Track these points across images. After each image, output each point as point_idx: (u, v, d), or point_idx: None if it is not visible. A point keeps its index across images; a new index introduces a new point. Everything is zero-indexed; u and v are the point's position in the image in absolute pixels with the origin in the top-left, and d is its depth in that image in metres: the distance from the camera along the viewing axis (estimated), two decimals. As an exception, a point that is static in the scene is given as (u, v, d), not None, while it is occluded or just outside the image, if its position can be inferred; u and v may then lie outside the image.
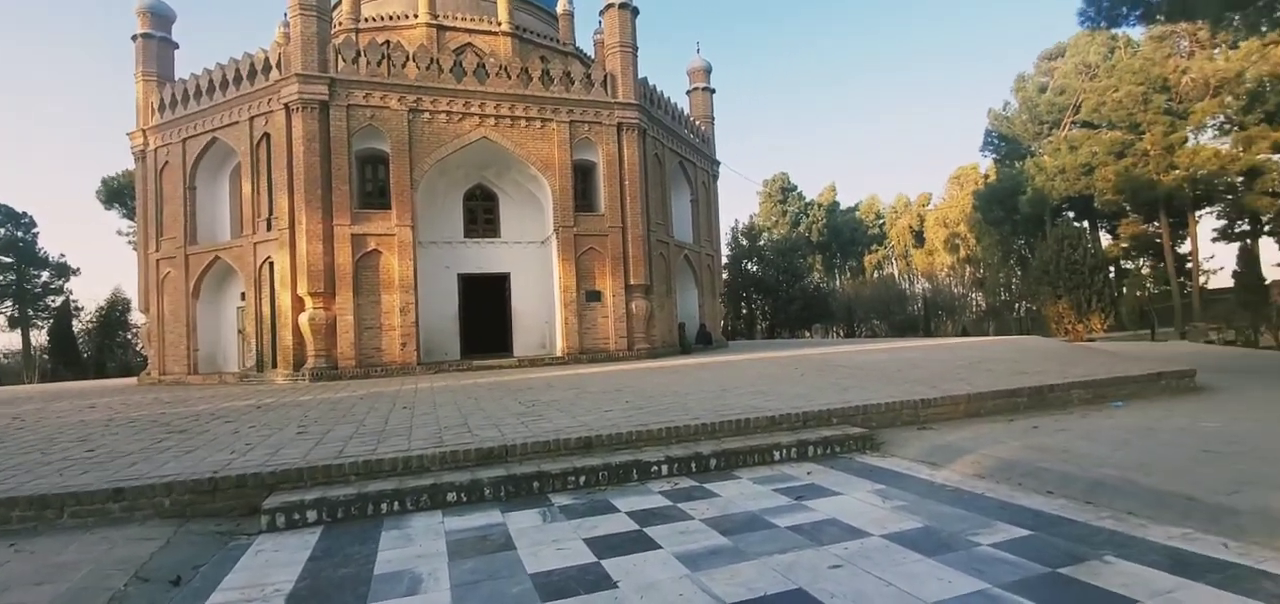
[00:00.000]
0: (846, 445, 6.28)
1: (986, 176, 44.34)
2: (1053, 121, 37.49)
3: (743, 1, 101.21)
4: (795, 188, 56.79)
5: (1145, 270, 38.08)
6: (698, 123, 24.72)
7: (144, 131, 19.75)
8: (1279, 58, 27.07)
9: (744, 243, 47.98)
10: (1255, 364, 13.09)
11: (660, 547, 3.89)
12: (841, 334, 45.71)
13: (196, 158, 18.83)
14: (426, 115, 17.40)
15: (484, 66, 18.09)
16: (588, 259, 18.37)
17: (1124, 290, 33.65)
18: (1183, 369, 9.40)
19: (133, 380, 21.39)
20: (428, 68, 17.54)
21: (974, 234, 45.21)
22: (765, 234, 51.45)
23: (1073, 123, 35.68)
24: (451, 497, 5.04)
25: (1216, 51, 30.26)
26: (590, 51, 25.12)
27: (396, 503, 4.91)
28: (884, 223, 56.46)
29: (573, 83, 18.63)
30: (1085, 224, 36.04)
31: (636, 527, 4.30)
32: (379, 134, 17.17)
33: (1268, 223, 30.76)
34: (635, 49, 19.17)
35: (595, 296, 18.27)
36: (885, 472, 5.52)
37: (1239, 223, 32.37)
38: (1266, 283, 29.50)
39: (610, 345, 18.21)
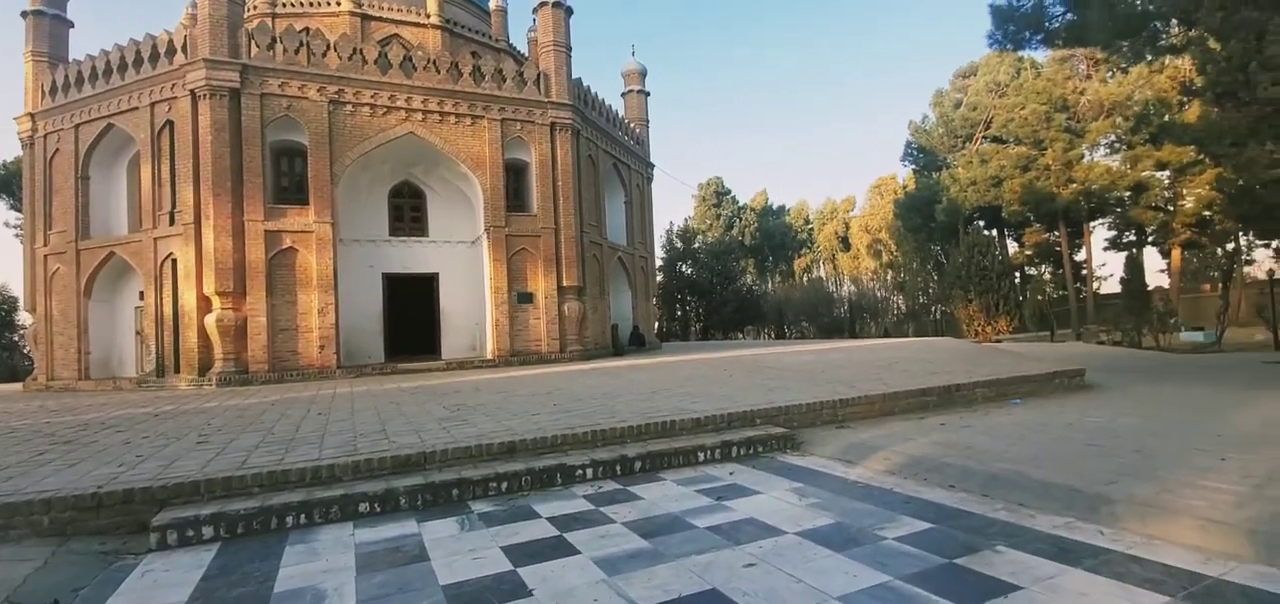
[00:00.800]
0: (769, 445, 6.43)
1: (905, 186, 46.63)
2: (966, 135, 39.80)
3: (677, 9, 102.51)
4: (730, 192, 57.92)
5: (1047, 276, 41.04)
6: (633, 125, 24.83)
7: (32, 116, 18.02)
8: (1162, 84, 29.75)
9: (679, 245, 48.55)
10: (1138, 363, 14.32)
11: (579, 552, 3.85)
12: (772, 335, 46.95)
13: (91, 145, 17.34)
14: (349, 107, 16.69)
15: (411, 59, 17.52)
16: (520, 260, 18.09)
17: (1027, 295, 36.08)
18: (1074, 369, 10.16)
19: (17, 386, 19.46)
20: (350, 58, 16.82)
21: (895, 240, 47.43)
22: (700, 237, 52.23)
23: (984, 137, 37.98)
24: (364, 507, 4.83)
25: (1109, 76, 32.95)
26: (524, 49, 24.78)
27: (304, 515, 4.66)
28: (812, 227, 58.42)
29: (505, 80, 18.31)
30: (994, 232, 38.41)
31: (557, 532, 4.25)
32: (296, 125, 16.33)
33: (1151, 234, 33.75)
34: (569, 49, 19.05)
35: (527, 298, 18.01)
36: (804, 470, 5.69)
37: (1127, 234, 35.36)
38: (1149, 289, 32.35)
39: (542, 347, 18.01)
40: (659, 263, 46.35)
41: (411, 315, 19.11)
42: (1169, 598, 2.93)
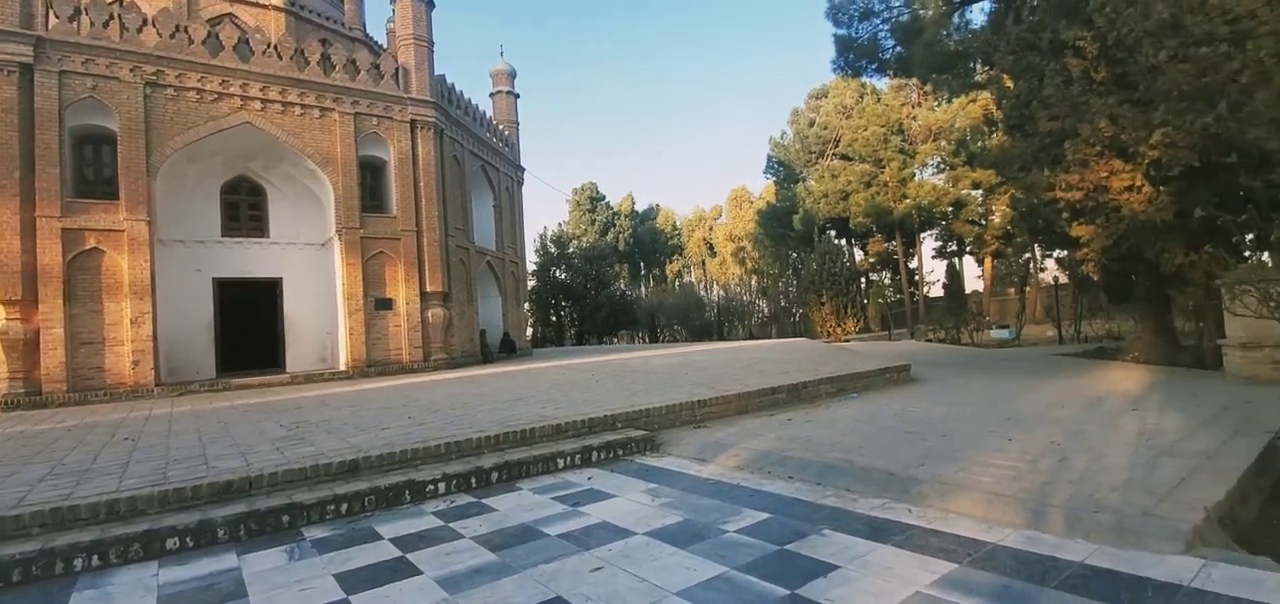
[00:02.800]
0: (629, 448, 6.53)
1: (764, 197, 49.69)
2: (819, 152, 43.17)
3: (552, 19, 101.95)
4: (604, 198, 58.43)
5: (886, 281, 45.51)
6: (502, 127, 24.29)
7: None
8: (975, 114, 34.10)
9: (553, 250, 48.16)
10: (956, 358, 16.25)
11: (421, 572, 3.66)
12: (646, 339, 47.92)
13: None
14: (170, 91, 14.80)
15: (248, 42, 15.91)
16: (377, 264, 17.00)
17: (871, 298, 39.81)
18: (901, 365, 11.32)
19: None
20: (172, 36, 14.95)
21: (758, 248, 50.33)
22: (574, 242, 52.18)
23: (834, 154, 41.41)
24: (172, 543, 4.27)
25: (935, 105, 37.27)
26: (384, 41, 23.40)
27: (96, 556, 4.05)
28: (682, 234, 60.48)
29: (359, 72, 17.15)
30: (844, 242, 41.96)
31: (399, 553, 4.02)
32: (104, 110, 14.22)
33: (968, 245, 38.61)
34: (431, 44, 18.24)
35: (386, 304, 16.97)
36: (660, 471, 5.83)
37: (949, 244, 40.23)
38: (966, 292, 36.96)
39: (403, 357, 17.04)
40: (532, 268, 45.68)
41: (250, 325, 17.33)
42: (956, 564, 3.33)
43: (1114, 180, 9.11)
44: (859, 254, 43.81)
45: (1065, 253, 14.70)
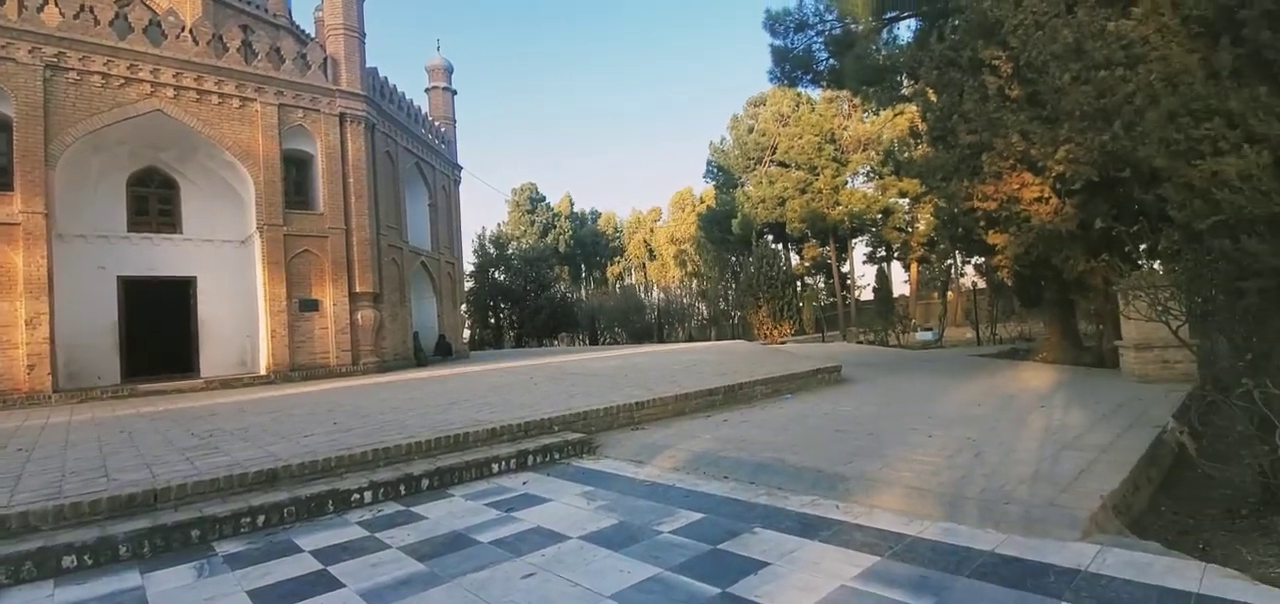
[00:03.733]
0: (565, 451, 6.47)
1: (704, 201, 50.45)
2: (758, 158, 44.16)
3: (491, 20, 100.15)
4: (544, 198, 57.89)
5: (821, 285, 47.01)
6: (438, 124, 23.65)
7: None
8: (903, 125, 35.70)
9: (492, 251, 47.34)
10: (884, 359, 16.94)
11: (343, 585, 3.51)
12: (587, 342, 47.72)
13: None
14: (72, 75, 13.68)
15: (160, 25, 14.89)
16: (303, 263, 16.22)
17: (806, 301, 41.01)
18: (833, 366, 11.71)
19: None
20: (77, 16, 13.82)
21: (698, 251, 51.01)
22: (514, 243, 51.45)
23: (771, 161, 42.47)
24: (69, 561, 3.94)
25: (866, 116, 38.81)
26: (313, 31, 22.38)
27: (-21, 579, 3.68)
28: (623, 236, 60.64)
29: (284, 61, 16.34)
30: (781, 246, 43.09)
31: (320, 566, 3.83)
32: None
33: (896, 251, 40.37)
34: (362, 35, 17.57)
35: (312, 306, 16.20)
36: (597, 474, 5.81)
37: (879, 250, 41.93)
38: (894, 296, 38.63)
39: (331, 360, 16.32)
40: (470, 269, 44.74)
41: (161, 327, 16.22)
42: (879, 557, 3.46)
43: (1025, 192, 9.72)
44: (795, 258, 45.09)
45: (982, 259, 15.62)
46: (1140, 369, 9.66)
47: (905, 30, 16.61)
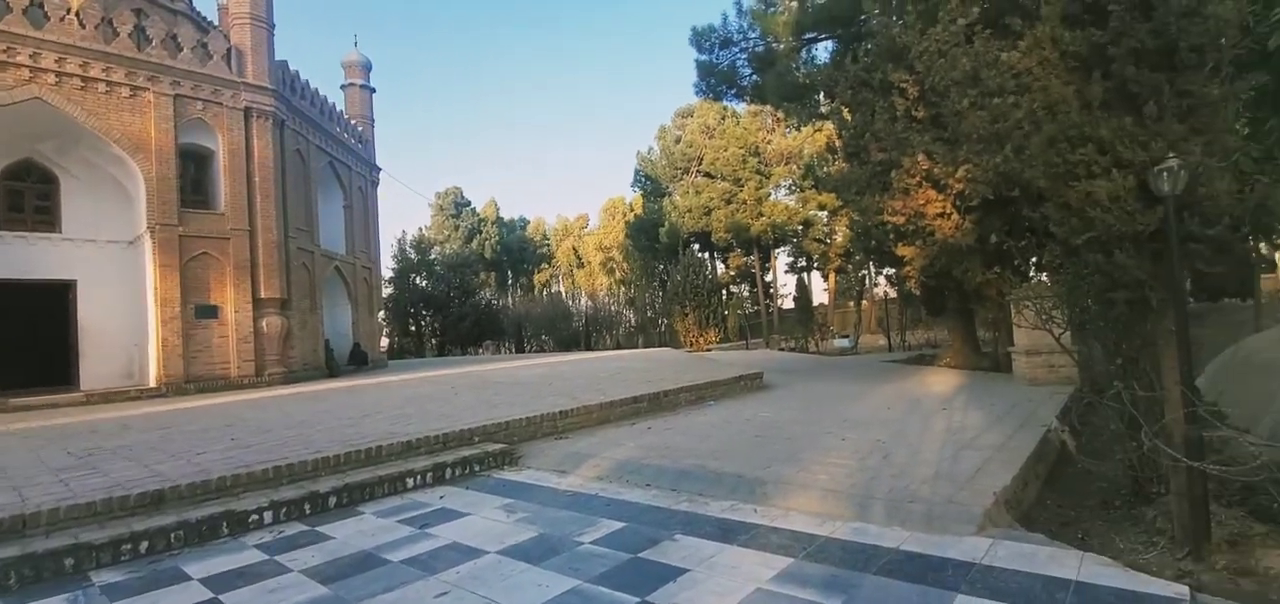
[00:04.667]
0: (486, 463, 6.30)
1: (633, 209, 50.80)
2: (684, 168, 44.88)
3: (413, 20, 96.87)
4: (469, 203, 56.47)
5: (745, 294, 48.24)
6: (354, 122, 22.58)
7: None
8: (822, 141, 37.26)
9: (413, 256, 45.67)
10: (803, 365, 17.55)
11: (236, 614, 3.26)
12: (513, 350, 46.85)
13: None
14: (-68, 55, 12.16)
15: (41, 6, 13.49)
16: (200, 266, 15.03)
17: (731, 309, 41.97)
18: (755, 372, 12.01)
19: None
20: (-65, -12, 12.32)
21: (626, 259, 51.23)
22: (437, 248, 49.88)
23: (698, 172, 43.26)
24: (-99, 605, 3.46)
25: (788, 131, 40.25)
26: (217, 20, 20.90)
27: None
28: (551, 243, 60.07)
29: (181, 49, 15.16)
30: (707, 255, 43.89)
31: (210, 595, 3.54)
32: None
33: (816, 261, 42.04)
34: (271, 25, 16.56)
35: (210, 312, 15.04)
36: (518, 485, 5.68)
37: (800, 260, 43.53)
38: (814, 305, 40.19)
39: (232, 371, 15.19)
40: (389, 274, 43.01)
41: (35, 334, 14.63)
42: (793, 559, 3.55)
43: (929, 207, 10.34)
44: (721, 267, 46.04)
45: (893, 270, 16.49)
46: (1030, 373, 10.47)
47: (823, 51, 17.34)
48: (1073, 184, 4.05)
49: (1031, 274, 10.82)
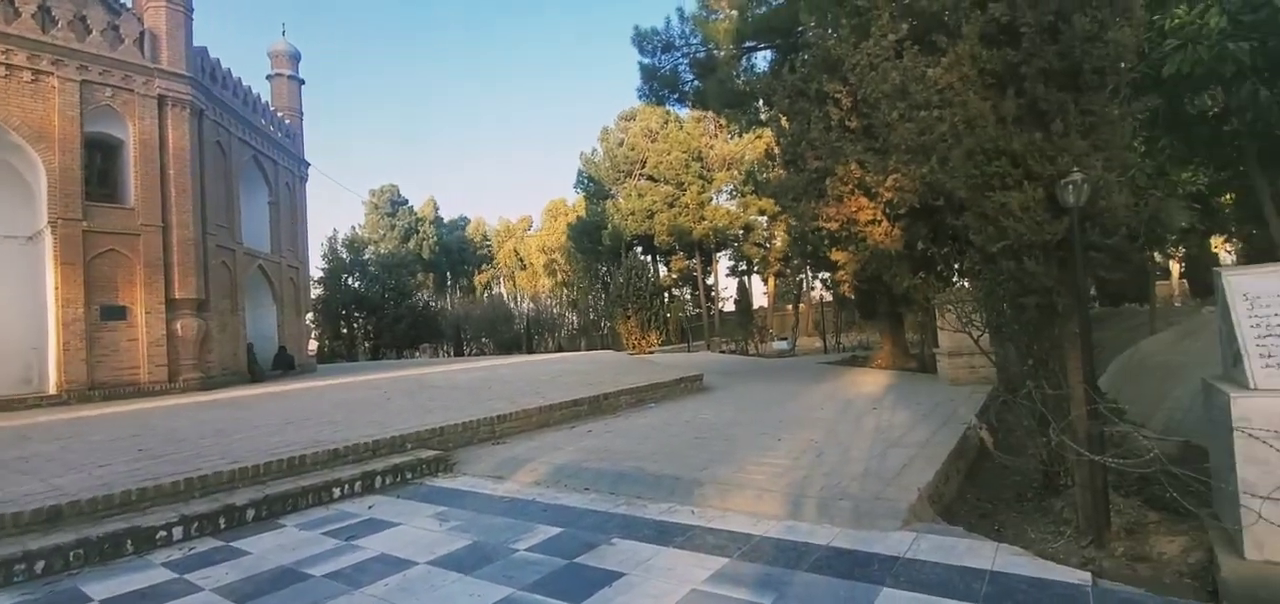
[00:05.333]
0: (419, 470, 6.11)
1: (575, 211, 50.58)
2: (627, 171, 45.00)
3: (350, 16, 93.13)
4: (406, 202, 54.82)
5: (687, 297, 48.77)
6: (281, 115, 21.51)
7: None
8: (762, 147, 38.12)
9: (345, 256, 43.97)
10: (743, 367, 17.87)
11: (138, 638, 3.03)
12: (451, 353, 45.76)
13: None
14: None
15: (-78, -24, 12.27)
16: (107, 265, 13.96)
17: (673, 312, 42.35)
18: (696, 374, 12.15)
19: None
20: None
21: (569, 261, 50.90)
22: (371, 248, 48.20)
23: (641, 175, 43.46)
24: None
25: (730, 137, 40.96)
26: (131, 2, 19.52)
27: None
28: (492, 244, 59.06)
29: (90, 32, 14.09)
30: (649, 258, 44.11)
31: (110, 618, 3.28)
32: None
33: (756, 265, 42.93)
34: (190, 10, 15.58)
35: (118, 313, 13.99)
36: (452, 492, 5.54)
37: (741, 264, 44.36)
38: (754, 308, 41.07)
39: (142, 376, 14.17)
40: (318, 275, 41.29)
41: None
42: (728, 559, 3.60)
43: (862, 214, 10.74)
44: (663, 270, 46.39)
45: (828, 274, 17.07)
46: (952, 373, 11.01)
47: (762, 60, 17.74)
48: (989, 194, 4.28)
49: (954, 279, 11.39)
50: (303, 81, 23.00)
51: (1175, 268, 24.96)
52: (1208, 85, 6.95)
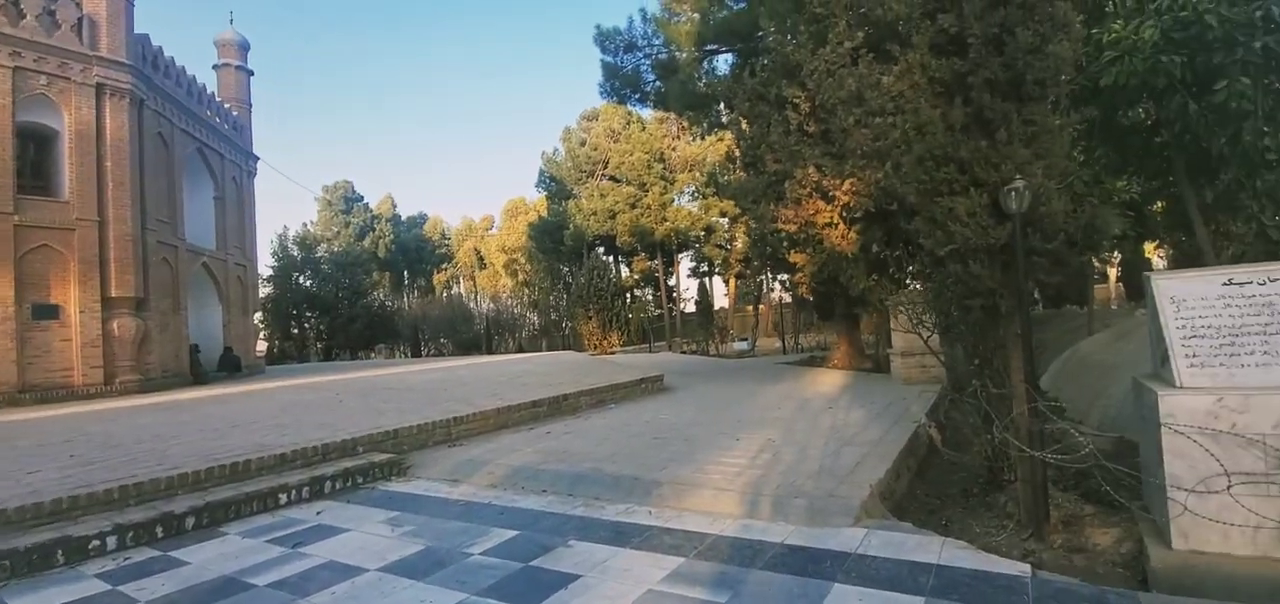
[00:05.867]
0: (371, 474, 5.96)
1: (537, 210, 50.20)
2: (589, 171, 44.87)
3: (307, 12, 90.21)
4: (361, 198, 53.52)
5: (649, 297, 48.90)
6: (228, 106, 20.67)
7: None
8: (723, 150, 38.47)
9: (296, 254, 42.59)
10: (704, 367, 18.01)
11: (64, 656, 2.86)
12: (408, 354, 44.83)
13: None
14: None
15: None
16: (39, 261, 13.19)
17: (634, 313, 42.40)
18: (656, 375, 12.18)
19: None
20: None
21: (530, 261, 50.45)
22: (324, 245, 46.86)
23: (603, 175, 43.39)
24: None
25: (692, 139, 41.23)
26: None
27: None
28: (452, 243, 58.12)
29: (24, 16, 13.29)
30: (611, 258, 44.07)
31: (33, 635, 3.10)
32: None
33: (717, 267, 43.31)
34: (131, -4, 14.88)
35: (50, 312, 13.22)
36: (406, 497, 5.41)
37: (702, 265, 44.71)
38: (715, 309, 41.46)
39: (76, 378, 13.42)
40: (267, 273, 39.95)
41: None
42: (684, 558, 3.61)
43: (819, 217, 10.93)
44: (625, 271, 46.39)
45: (787, 276, 17.36)
46: (905, 373, 11.32)
47: (723, 63, 17.91)
48: (938, 199, 4.41)
49: (907, 282, 11.72)
50: (251, 72, 22.18)
51: (1112, 272, 26.24)
52: (1141, 98, 7.31)
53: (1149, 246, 19.29)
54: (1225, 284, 3.62)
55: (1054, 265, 4.42)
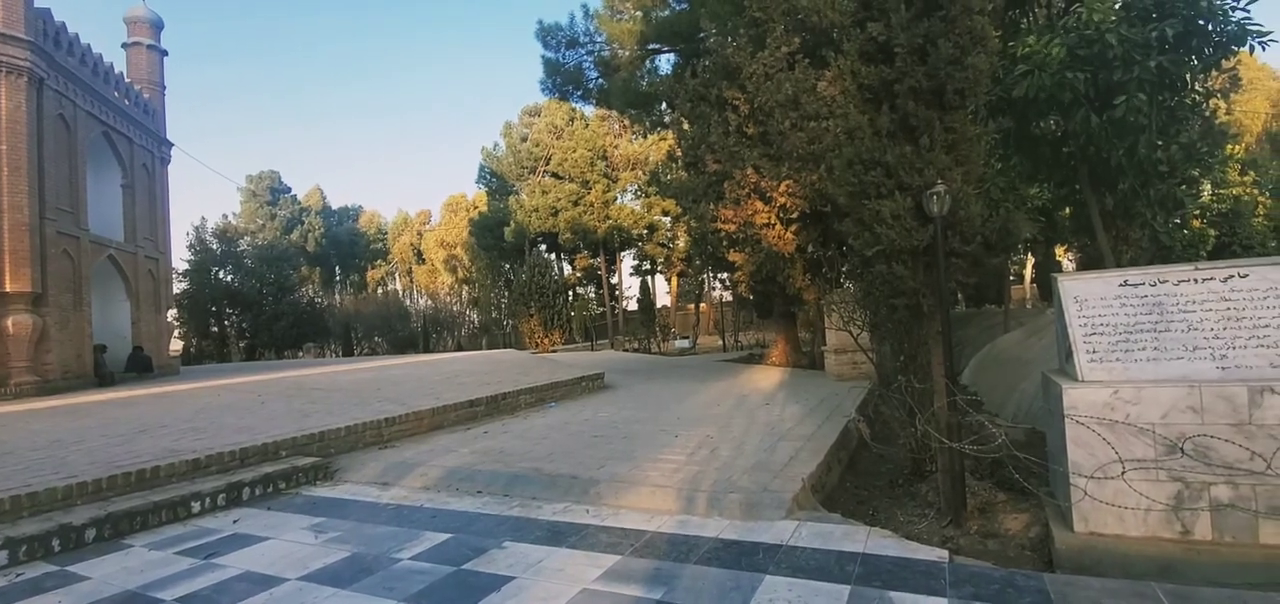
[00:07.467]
0: (294, 479, 5.69)
1: (476, 205, 49.22)
2: (531, 167, 44.29)
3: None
4: (289, 190, 51.08)
5: (591, 295, 48.74)
6: (139, 89, 19.25)
7: None
8: (665, 149, 38.74)
9: (216, 247, 40.22)
10: (645, 365, 18.09)
11: (-66, 687, 2.60)
12: (339, 353, 43.10)
13: None
14: None
15: None
16: (-84, 252, 11.96)
17: (577, 310, 42.17)
18: (597, 373, 12.15)
19: None
20: None
21: (470, 257, 49.40)
22: (247, 238, 44.44)
23: (545, 172, 42.92)
24: None
25: (634, 138, 41.32)
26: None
27: None
28: (387, 238, 56.24)
29: (-108, -22, 11.99)
30: (553, 255, 43.68)
31: (-103, 666, 2.79)
32: None
33: (660, 265, 43.58)
34: (26, -35, 13.63)
35: (-71, 309, 12.01)
36: (331, 502, 5.19)
37: (644, 263, 44.88)
38: (657, 307, 41.73)
39: (-39, 381, 12.24)
40: (183, 268, 37.60)
41: None
42: (620, 556, 3.61)
43: (758, 217, 11.17)
44: (567, 268, 46.09)
45: (727, 275, 17.66)
46: (838, 370, 11.71)
47: (665, 63, 18.03)
48: (866, 202, 4.58)
49: (840, 282, 12.13)
50: (165, 52, 20.74)
51: (1028, 273, 27.97)
52: (1050, 110, 7.82)
53: (1059, 249, 20.66)
54: (1121, 285, 3.90)
55: (972, 266, 4.66)
